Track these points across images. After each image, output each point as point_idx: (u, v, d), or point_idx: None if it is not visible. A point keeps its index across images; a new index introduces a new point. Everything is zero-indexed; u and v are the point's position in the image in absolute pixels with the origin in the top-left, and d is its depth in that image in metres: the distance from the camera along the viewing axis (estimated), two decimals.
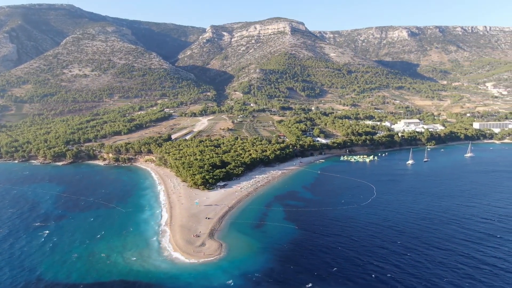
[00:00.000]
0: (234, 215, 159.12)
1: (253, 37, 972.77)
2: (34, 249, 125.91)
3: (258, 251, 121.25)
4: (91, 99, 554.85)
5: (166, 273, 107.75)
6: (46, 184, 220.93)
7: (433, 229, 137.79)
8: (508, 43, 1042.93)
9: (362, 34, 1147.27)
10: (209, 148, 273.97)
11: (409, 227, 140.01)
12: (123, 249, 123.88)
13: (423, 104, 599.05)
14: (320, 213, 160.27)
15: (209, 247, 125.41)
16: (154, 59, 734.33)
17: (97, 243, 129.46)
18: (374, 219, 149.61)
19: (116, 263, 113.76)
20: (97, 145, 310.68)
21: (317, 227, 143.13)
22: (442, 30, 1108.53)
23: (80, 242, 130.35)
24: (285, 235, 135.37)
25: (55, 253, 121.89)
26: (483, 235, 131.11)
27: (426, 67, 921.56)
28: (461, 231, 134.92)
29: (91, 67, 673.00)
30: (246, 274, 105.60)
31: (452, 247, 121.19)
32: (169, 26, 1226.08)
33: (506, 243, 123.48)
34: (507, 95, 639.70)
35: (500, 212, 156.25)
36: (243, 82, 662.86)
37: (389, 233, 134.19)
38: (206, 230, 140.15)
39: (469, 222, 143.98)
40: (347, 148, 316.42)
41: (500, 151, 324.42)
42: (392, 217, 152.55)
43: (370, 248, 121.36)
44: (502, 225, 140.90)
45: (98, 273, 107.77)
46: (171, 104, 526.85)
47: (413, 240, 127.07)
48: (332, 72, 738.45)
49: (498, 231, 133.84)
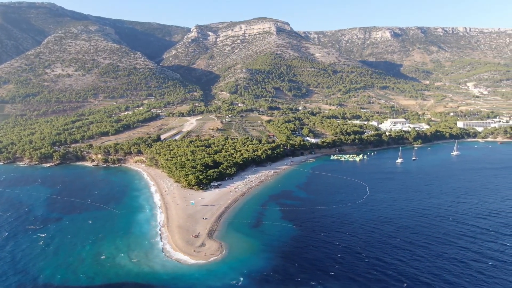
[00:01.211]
0: (231, 215, 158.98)
1: (238, 37, 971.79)
2: (35, 252, 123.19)
3: (259, 250, 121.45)
4: (75, 99, 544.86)
5: (169, 274, 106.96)
6: (36, 186, 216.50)
7: (429, 224, 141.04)
8: (487, 44, 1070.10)
9: (346, 34, 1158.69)
10: (200, 148, 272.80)
11: (406, 223, 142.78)
12: (124, 250, 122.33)
13: (408, 104, 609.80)
14: (316, 211, 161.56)
15: (209, 247, 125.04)
16: (139, 58, 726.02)
17: (96, 245, 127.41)
18: (371, 216, 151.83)
19: (120, 265, 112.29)
20: (85, 146, 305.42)
21: (315, 225, 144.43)
22: (424, 31, 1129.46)
23: (80, 244, 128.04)
24: (284, 234, 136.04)
25: (58, 256, 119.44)
26: (477, 229, 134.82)
27: (409, 67, 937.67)
28: (455, 226, 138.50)
29: (74, 66, 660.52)
30: (250, 273, 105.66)
31: (449, 241, 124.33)
32: (153, 26, 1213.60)
33: (501, 237, 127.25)
34: (487, 94, 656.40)
35: (491, 208, 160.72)
36: (230, 82, 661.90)
37: (387, 230, 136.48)
38: (204, 231, 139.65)
39: (462, 218, 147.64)
40: (336, 148, 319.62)
41: (484, 149, 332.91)
42: (388, 214, 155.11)
43: (370, 244, 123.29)
44: (495, 220, 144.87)
45: (104, 275, 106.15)
46: (158, 104, 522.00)
47: (411, 236, 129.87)
48: (318, 72, 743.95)
49: (492, 226, 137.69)
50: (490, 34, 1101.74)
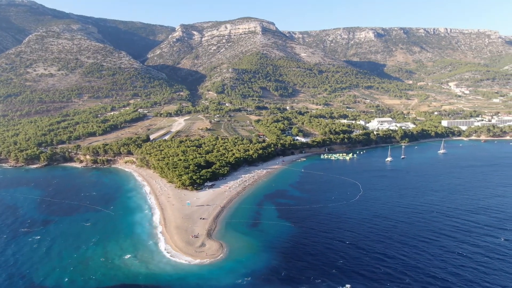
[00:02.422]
0: (228, 214, 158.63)
1: (224, 37, 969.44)
2: (30, 255, 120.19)
3: (260, 249, 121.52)
4: (59, 99, 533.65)
5: (173, 275, 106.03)
6: (25, 188, 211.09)
7: (424, 220, 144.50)
8: (467, 44, 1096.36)
9: (330, 34, 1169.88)
10: (191, 148, 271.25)
11: (402, 220, 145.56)
12: (122, 252, 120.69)
13: (392, 103, 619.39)
14: (312, 210, 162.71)
15: (210, 248, 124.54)
16: (123, 58, 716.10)
17: (93, 247, 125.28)
18: (367, 214, 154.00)
19: (121, 266, 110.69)
20: (72, 147, 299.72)
21: (313, 223, 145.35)
22: (406, 31, 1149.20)
23: (76, 247, 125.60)
24: (283, 232, 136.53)
25: (53, 259, 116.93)
26: (471, 224, 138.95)
27: (393, 67, 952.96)
28: (450, 221, 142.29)
29: (57, 66, 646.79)
30: (254, 272, 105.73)
31: (445, 236, 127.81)
32: (136, 25, 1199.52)
33: (494, 231, 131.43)
34: (469, 94, 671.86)
35: (480, 204, 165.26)
36: (216, 82, 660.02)
37: (384, 226, 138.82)
38: (203, 231, 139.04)
39: (455, 214, 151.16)
40: (326, 147, 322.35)
41: (469, 147, 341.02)
42: (383, 211, 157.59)
43: (370, 240, 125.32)
44: (486, 215, 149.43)
45: (103, 278, 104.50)
46: (144, 104, 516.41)
47: (409, 231, 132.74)
48: (304, 72, 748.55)
49: (484, 221, 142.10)
50: (470, 35, 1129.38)
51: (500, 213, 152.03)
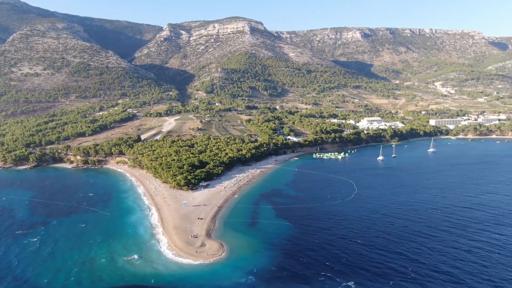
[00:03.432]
0: (225, 214, 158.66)
1: (212, 36, 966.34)
2: (30, 258, 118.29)
3: (260, 248, 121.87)
4: (45, 99, 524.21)
5: (176, 275, 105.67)
6: (16, 189, 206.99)
7: (420, 217, 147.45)
8: (452, 45, 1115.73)
9: (317, 34, 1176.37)
10: (183, 148, 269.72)
11: (398, 217, 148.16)
12: (124, 253, 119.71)
13: (380, 103, 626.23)
14: (309, 209, 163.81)
15: (210, 247, 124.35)
16: (111, 57, 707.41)
17: (94, 249, 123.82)
18: (364, 212, 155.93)
19: (123, 268, 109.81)
20: (62, 147, 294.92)
21: (311, 222, 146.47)
22: (393, 32, 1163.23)
23: (77, 248, 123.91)
24: (282, 231, 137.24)
25: (55, 261, 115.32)
26: (465, 221, 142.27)
27: (379, 67, 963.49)
28: (445, 218, 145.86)
29: (43, 65, 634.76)
30: (257, 271, 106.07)
31: (442, 232, 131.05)
32: (123, 24, 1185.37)
33: (488, 226, 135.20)
34: (454, 94, 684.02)
35: (474, 201, 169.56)
36: (205, 82, 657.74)
37: (382, 224, 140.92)
38: (202, 231, 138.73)
39: (450, 211, 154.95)
40: (318, 146, 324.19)
41: (457, 146, 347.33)
42: (379, 209, 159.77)
43: (369, 238, 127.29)
44: (479, 211, 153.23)
45: (109, 279, 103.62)
46: (133, 104, 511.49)
47: (406, 228, 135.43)
48: (292, 71, 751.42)
49: (477, 218, 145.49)
50: (455, 35, 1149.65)
51: (493, 208, 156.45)
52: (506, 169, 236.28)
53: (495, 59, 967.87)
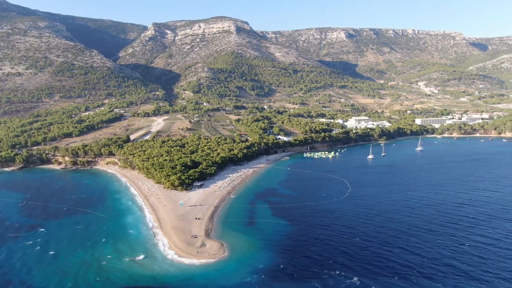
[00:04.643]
0: (222, 214, 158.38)
1: (197, 36, 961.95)
2: (24, 261, 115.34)
3: (261, 247, 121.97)
4: (29, 99, 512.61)
5: (179, 276, 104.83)
6: (4, 191, 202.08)
7: (415, 214, 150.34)
8: (434, 45, 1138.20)
9: (303, 34, 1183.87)
10: (174, 148, 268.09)
11: (393, 214, 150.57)
12: (124, 255, 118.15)
13: (366, 102, 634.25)
14: (305, 207, 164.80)
15: (211, 247, 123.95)
16: (95, 57, 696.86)
17: (91, 250, 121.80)
18: (360, 210, 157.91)
19: (124, 270, 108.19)
20: (49, 148, 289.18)
21: (309, 220, 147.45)
22: (376, 32, 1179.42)
23: (72, 251, 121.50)
24: (281, 230, 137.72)
25: (60, 264, 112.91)
26: (459, 216, 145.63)
27: (364, 67, 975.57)
28: (438, 215, 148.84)
29: (25, 64, 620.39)
30: (260, 270, 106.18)
31: (437, 228, 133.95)
32: (106, 23, 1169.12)
33: (481, 222, 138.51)
34: (438, 93, 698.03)
35: (464, 197, 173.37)
36: (192, 81, 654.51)
37: (378, 221, 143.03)
38: (201, 231, 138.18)
39: (443, 207, 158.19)
40: (308, 145, 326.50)
41: (443, 144, 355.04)
42: (375, 206, 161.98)
43: (368, 235, 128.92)
44: (471, 208, 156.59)
45: (108, 282, 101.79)
46: (120, 104, 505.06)
47: (402, 225, 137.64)
48: (279, 71, 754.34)
49: (470, 213, 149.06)
50: (436, 36, 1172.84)
51: (485, 204, 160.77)
52: (493, 166, 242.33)
53: (476, 59, 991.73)
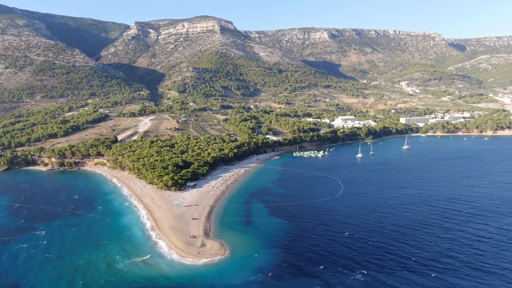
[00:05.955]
0: (219, 214, 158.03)
1: (181, 35, 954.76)
2: (20, 265, 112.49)
3: (262, 246, 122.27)
4: (9, 99, 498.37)
5: (182, 276, 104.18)
6: None
7: (409, 210, 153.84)
8: (415, 46, 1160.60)
9: (286, 34, 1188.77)
10: (164, 148, 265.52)
11: (389, 211, 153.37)
12: (124, 256, 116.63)
13: (350, 102, 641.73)
14: (301, 206, 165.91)
15: (211, 247, 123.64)
16: (77, 56, 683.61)
17: (87, 253, 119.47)
18: (355, 207, 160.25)
19: (125, 271, 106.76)
20: (34, 149, 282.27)
21: (306, 218, 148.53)
22: (359, 32, 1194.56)
23: (69, 253, 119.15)
24: (279, 228, 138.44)
25: (55, 268, 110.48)
26: (453, 212, 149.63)
27: (347, 67, 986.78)
28: (432, 210, 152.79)
29: (4, 64, 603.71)
30: (263, 268, 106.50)
31: (432, 223, 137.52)
32: (87, 21, 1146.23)
33: (474, 217, 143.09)
34: (419, 93, 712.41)
35: (454, 194, 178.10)
36: (177, 81, 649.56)
37: (375, 218, 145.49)
38: (199, 231, 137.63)
39: (435, 204, 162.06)
40: (297, 145, 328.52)
41: (429, 143, 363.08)
42: (369, 204, 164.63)
43: (367, 231, 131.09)
44: (463, 204, 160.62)
45: (109, 284, 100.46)
46: (104, 104, 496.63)
47: (399, 221, 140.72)
48: (264, 71, 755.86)
49: (464, 209, 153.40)
50: (417, 37, 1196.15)
51: (474, 200, 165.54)
52: (478, 163, 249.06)
53: (455, 60, 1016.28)
